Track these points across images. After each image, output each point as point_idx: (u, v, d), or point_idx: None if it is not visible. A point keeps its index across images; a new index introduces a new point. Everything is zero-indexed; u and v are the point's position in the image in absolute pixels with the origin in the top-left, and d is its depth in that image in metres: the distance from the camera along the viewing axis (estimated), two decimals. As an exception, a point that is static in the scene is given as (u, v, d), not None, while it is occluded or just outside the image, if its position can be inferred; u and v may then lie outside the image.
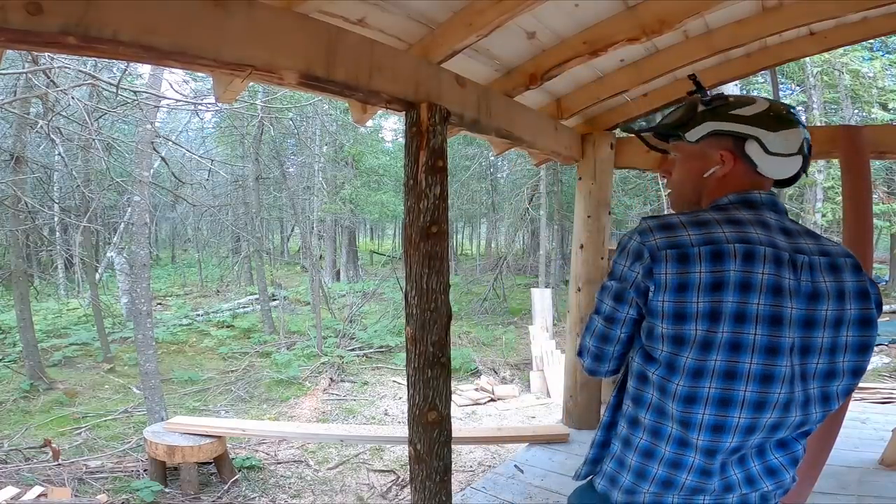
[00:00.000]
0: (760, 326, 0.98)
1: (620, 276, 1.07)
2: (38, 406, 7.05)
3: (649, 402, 1.06)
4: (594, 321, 1.13)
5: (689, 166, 1.17)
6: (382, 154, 17.63)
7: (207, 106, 8.36)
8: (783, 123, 1.10)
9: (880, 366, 8.83)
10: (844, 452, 2.96)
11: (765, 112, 1.11)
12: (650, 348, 1.04)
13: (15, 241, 8.00)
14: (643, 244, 1.04)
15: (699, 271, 0.99)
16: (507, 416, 6.96)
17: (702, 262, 1.00)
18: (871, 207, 2.87)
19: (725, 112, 1.12)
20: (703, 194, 1.16)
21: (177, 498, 4.41)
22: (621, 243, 1.09)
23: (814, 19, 2.40)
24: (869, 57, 9.71)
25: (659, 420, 1.05)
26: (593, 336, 1.14)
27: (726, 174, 1.12)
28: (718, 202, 1.11)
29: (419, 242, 1.88)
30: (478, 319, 12.31)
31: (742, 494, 1.07)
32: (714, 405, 1.00)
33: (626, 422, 1.11)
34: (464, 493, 3.00)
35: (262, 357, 9.63)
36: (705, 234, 1.02)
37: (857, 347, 1.05)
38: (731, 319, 0.98)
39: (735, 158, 1.11)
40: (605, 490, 1.14)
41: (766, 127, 1.09)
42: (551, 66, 2.47)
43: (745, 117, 1.10)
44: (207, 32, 1.38)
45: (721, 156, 1.11)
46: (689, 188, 1.18)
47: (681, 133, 1.16)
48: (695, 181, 1.16)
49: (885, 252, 18.17)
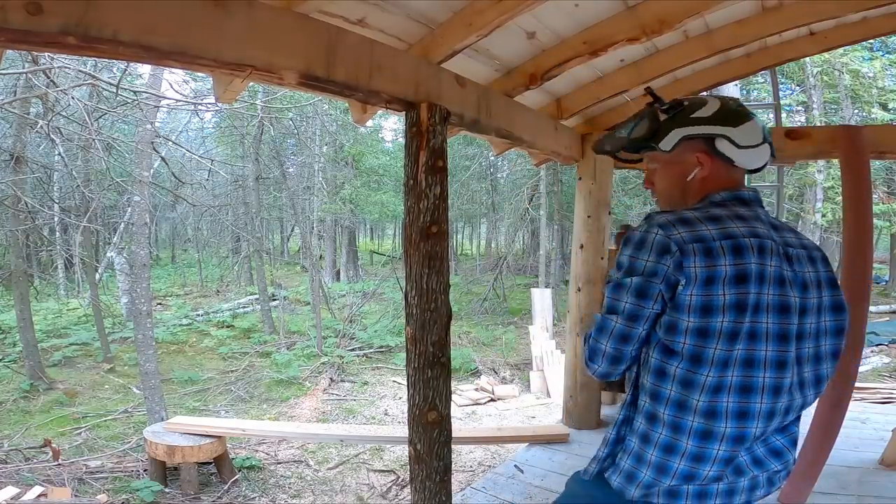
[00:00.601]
0: (772, 315, 1.04)
1: (644, 271, 1.06)
2: (38, 406, 7.05)
3: (667, 397, 1.08)
4: (610, 322, 1.11)
5: (670, 173, 1.22)
6: (382, 154, 17.63)
7: (207, 106, 8.37)
8: (741, 117, 1.17)
9: (880, 366, 8.82)
10: (844, 452, 2.96)
11: (721, 110, 1.17)
12: (670, 342, 1.06)
13: (15, 241, 7.99)
14: (669, 237, 1.05)
15: (724, 264, 1.03)
16: (507, 416, 6.96)
17: (725, 255, 1.03)
18: (871, 207, 2.86)
19: (687, 117, 1.18)
20: (689, 196, 1.20)
21: (177, 498, 4.41)
22: (636, 238, 1.09)
23: (814, 19, 2.39)
24: (869, 57, 9.70)
25: (678, 414, 1.06)
26: (611, 337, 1.11)
27: (707, 174, 1.17)
28: (712, 198, 1.16)
29: (419, 242, 1.88)
30: (478, 319, 12.31)
31: (752, 477, 1.10)
32: (737, 393, 1.04)
33: (644, 418, 1.12)
34: (464, 493, 3.00)
35: (262, 357, 9.63)
36: (722, 229, 1.06)
37: (834, 331, 1.14)
38: (752, 310, 1.03)
39: (711, 158, 1.16)
40: (621, 487, 1.14)
41: (730, 123, 1.16)
42: (551, 66, 2.47)
43: (707, 118, 1.16)
44: (207, 32, 1.38)
45: (698, 158, 1.17)
46: (677, 193, 1.22)
47: (653, 144, 1.20)
48: (680, 186, 1.21)
49: (885, 252, 18.16)
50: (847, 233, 2.86)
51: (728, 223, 1.07)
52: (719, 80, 3.29)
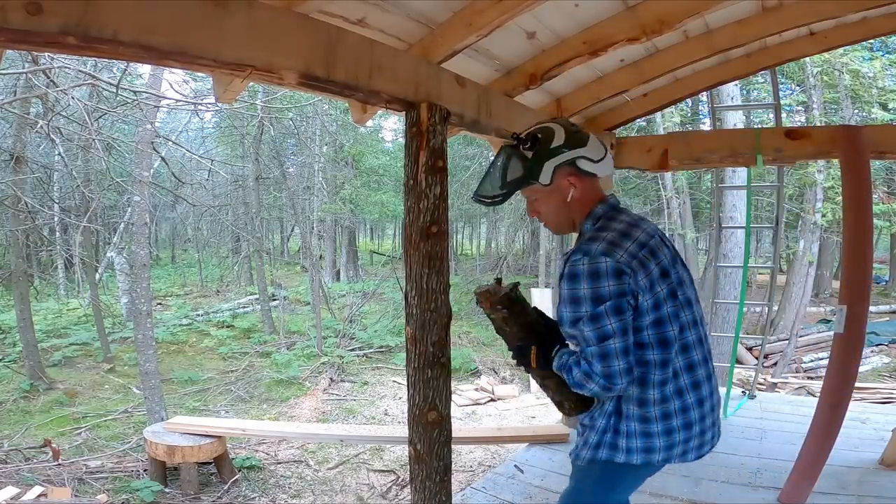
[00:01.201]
0: (681, 290, 1.39)
1: (611, 295, 1.27)
2: (38, 406, 7.05)
3: (653, 380, 1.35)
4: (610, 345, 1.28)
5: (551, 201, 1.42)
6: (382, 154, 17.61)
7: (207, 106, 8.36)
8: (582, 135, 1.40)
9: (880, 366, 8.83)
10: (844, 452, 2.96)
11: (569, 134, 1.38)
12: (638, 338, 1.32)
13: (15, 241, 7.99)
14: (618, 262, 1.28)
15: (653, 268, 1.33)
16: (507, 416, 6.97)
17: (650, 260, 1.33)
18: (871, 207, 2.86)
19: (548, 149, 1.37)
20: (573, 214, 1.43)
21: (177, 498, 4.41)
22: (586, 270, 1.28)
23: (814, 19, 2.39)
24: (869, 57, 9.68)
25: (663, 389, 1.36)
26: (618, 356, 1.28)
27: (580, 192, 1.40)
28: (596, 213, 1.41)
29: (419, 242, 1.88)
30: (478, 319, 12.29)
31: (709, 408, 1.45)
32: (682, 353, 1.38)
33: (635, 403, 1.38)
34: (464, 493, 3.00)
35: (262, 357, 9.63)
36: (635, 240, 1.34)
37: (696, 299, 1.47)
38: (678, 292, 1.38)
39: (579, 178, 1.39)
40: (644, 460, 1.39)
41: (580, 143, 1.38)
42: (551, 66, 2.47)
43: (563, 144, 1.37)
44: (207, 32, 1.37)
45: (569, 181, 1.39)
46: (563, 216, 1.45)
47: (533, 181, 1.38)
48: (563, 209, 1.42)
49: (885, 252, 18.19)
50: (847, 233, 2.86)
51: (632, 232, 1.35)
52: (719, 80, 3.29)
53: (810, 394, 6.74)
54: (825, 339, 9.01)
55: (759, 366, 4.74)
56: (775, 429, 3.62)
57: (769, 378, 7.82)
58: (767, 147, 3.22)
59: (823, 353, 8.52)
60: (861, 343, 2.75)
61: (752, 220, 4.03)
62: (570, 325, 1.33)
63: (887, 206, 9.33)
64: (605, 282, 1.26)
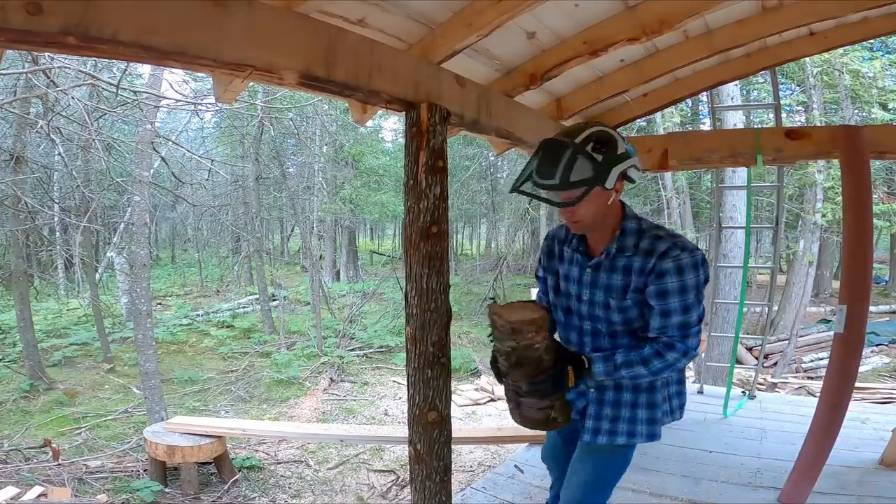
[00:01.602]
0: None
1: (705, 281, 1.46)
2: (38, 406, 7.05)
3: None
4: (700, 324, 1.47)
5: (597, 202, 1.44)
6: (382, 154, 17.62)
7: (207, 106, 8.36)
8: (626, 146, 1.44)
9: (880, 366, 8.83)
10: (844, 452, 2.96)
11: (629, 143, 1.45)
12: None
13: (15, 241, 7.99)
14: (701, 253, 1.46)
15: None
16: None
17: None
18: (871, 207, 2.86)
19: (616, 155, 1.40)
20: (607, 215, 1.49)
21: (177, 498, 4.41)
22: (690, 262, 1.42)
23: (814, 19, 2.39)
24: (869, 57, 9.68)
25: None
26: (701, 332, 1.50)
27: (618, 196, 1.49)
28: (630, 212, 1.53)
29: (419, 242, 1.88)
30: (478, 319, 12.30)
31: None
32: None
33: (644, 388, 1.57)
34: (464, 493, 3.00)
35: (262, 357, 9.64)
36: None
37: None
38: None
39: (623, 184, 1.47)
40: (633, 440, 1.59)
41: (634, 153, 1.46)
42: (551, 66, 2.47)
43: (627, 152, 1.43)
44: (207, 32, 1.37)
45: (619, 186, 1.45)
46: (599, 216, 1.48)
47: (599, 185, 1.39)
48: (602, 210, 1.47)
49: (885, 252, 18.19)
50: (847, 233, 2.86)
51: None
52: (719, 80, 3.29)
53: (810, 394, 6.75)
54: (825, 339, 9.01)
55: (759, 366, 4.74)
56: (775, 429, 3.62)
57: (769, 378, 7.82)
58: (767, 147, 3.22)
59: (823, 353, 8.52)
60: (861, 343, 2.75)
61: (752, 220, 4.03)
62: (680, 314, 1.44)
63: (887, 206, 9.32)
64: (703, 271, 1.43)
